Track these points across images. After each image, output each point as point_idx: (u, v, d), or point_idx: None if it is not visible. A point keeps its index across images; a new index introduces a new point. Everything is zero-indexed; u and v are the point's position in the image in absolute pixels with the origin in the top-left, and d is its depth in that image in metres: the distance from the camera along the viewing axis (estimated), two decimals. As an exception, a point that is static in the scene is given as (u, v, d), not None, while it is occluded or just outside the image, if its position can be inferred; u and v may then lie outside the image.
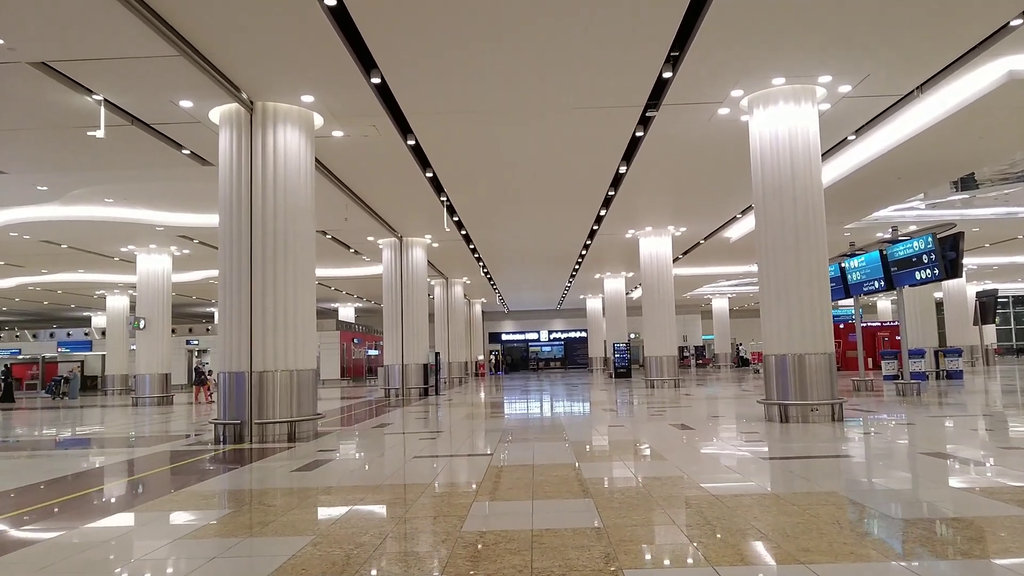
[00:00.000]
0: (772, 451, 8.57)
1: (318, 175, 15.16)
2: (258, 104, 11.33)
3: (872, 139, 14.26)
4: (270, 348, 11.09)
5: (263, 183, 11.30)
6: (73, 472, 8.72)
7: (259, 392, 11.04)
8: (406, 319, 23.28)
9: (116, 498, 7.10)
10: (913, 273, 15.59)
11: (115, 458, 10.09)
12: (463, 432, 11.92)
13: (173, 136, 12.66)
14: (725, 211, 21.02)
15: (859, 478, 6.67)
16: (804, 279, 11.24)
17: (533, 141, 13.81)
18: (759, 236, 11.82)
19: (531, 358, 59.43)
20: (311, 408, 11.62)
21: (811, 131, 11.50)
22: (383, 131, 12.76)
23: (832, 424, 10.85)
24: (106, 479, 8.26)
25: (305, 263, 11.63)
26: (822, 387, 11.17)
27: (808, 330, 11.19)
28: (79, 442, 12.96)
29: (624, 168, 15.68)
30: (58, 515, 5.97)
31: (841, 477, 6.71)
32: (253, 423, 10.96)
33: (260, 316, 11.10)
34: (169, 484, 7.64)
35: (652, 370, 23.62)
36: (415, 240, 23.61)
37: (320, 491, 6.63)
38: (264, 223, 11.25)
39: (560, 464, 7.67)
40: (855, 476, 6.75)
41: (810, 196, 11.42)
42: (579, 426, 12.10)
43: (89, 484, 7.87)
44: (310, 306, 11.76)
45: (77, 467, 9.33)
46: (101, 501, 6.82)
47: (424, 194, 17.43)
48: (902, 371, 23.59)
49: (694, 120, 12.72)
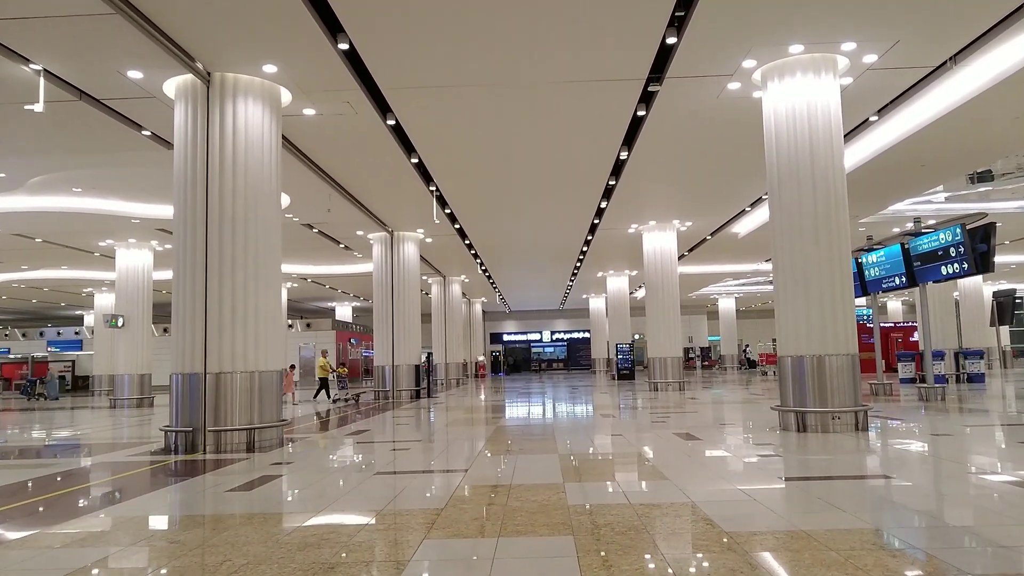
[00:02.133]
0: (793, 468, 7.37)
1: (295, 162, 14.06)
2: (215, 75, 10.17)
3: (896, 120, 13.02)
4: (227, 347, 9.94)
5: (221, 162, 10.15)
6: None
7: (215, 396, 9.89)
8: (397, 318, 22.12)
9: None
10: (939, 268, 14.35)
11: (44, 470, 8.92)
12: (443, 441, 10.75)
13: (128, 114, 11.53)
14: (734, 203, 19.77)
15: (910, 508, 5.44)
16: (824, 271, 10.03)
17: (526, 122, 12.63)
18: (774, 224, 10.62)
19: (533, 359, 58.20)
20: (274, 414, 10.46)
21: (832, 106, 10.30)
22: (359, 109, 11.60)
23: (856, 434, 9.64)
24: (9, 497, 7.10)
25: (269, 253, 10.47)
26: (844, 392, 9.96)
27: (829, 328, 9.98)
28: (20, 449, 11.81)
29: (625, 154, 14.48)
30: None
31: (886, 507, 5.50)
32: (207, 431, 9.81)
33: (216, 311, 9.95)
34: (70, 508, 6.46)
35: (656, 372, 22.40)
36: (407, 235, 22.44)
37: (240, 520, 5.45)
38: (222, 207, 10.09)
39: (543, 485, 6.49)
40: (904, 506, 5.52)
41: (831, 179, 10.22)
42: (574, 434, 10.92)
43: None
44: (275, 301, 10.61)
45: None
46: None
47: (412, 183, 16.26)
48: (920, 374, 22.47)
49: (701, 96, 11.52)
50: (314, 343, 41.41)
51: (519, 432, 11.53)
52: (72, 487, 7.57)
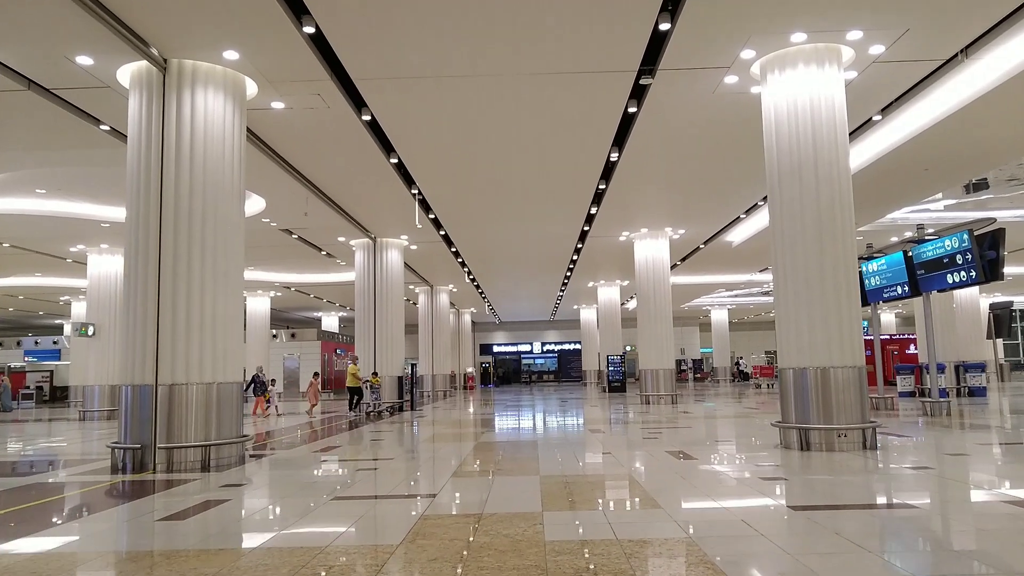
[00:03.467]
0: (799, 494, 6.60)
1: (269, 162, 13.31)
2: (172, 62, 9.40)
3: (900, 120, 12.36)
4: (181, 356, 9.12)
5: (177, 156, 9.36)
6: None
7: (168, 410, 9.05)
8: (380, 327, 21.28)
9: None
10: (944, 276, 13.66)
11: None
12: (416, 459, 9.94)
13: (83, 106, 10.75)
14: (728, 209, 19.08)
15: (947, 547, 4.68)
16: (828, 277, 9.31)
17: (510, 118, 11.90)
18: (774, 228, 9.90)
19: (523, 371, 57.31)
20: (234, 429, 9.64)
21: (836, 100, 9.61)
22: (331, 102, 10.85)
23: (864, 453, 8.88)
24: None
25: (230, 254, 9.68)
26: (850, 408, 9.21)
27: (834, 338, 9.24)
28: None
29: (616, 155, 13.77)
30: None
31: (910, 542, 4.74)
32: (157, 448, 8.97)
33: (169, 317, 9.13)
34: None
35: (648, 385, 21.62)
36: (390, 241, 21.65)
37: (158, 559, 4.64)
38: (177, 204, 9.30)
39: (519, 515, 5.70)
40: (942, 545, 4.76)
41: (835, 178, 9.51)
42: (560, 452, 10.12)
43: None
44: (235, 307, 9.82)
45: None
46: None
47: (392, 186, 15.51)
48: (920, 387, 21.79)
49: (696, 91, 10.83)
50: (298, 354, 40.51)
51: (501, 449, 10.73)
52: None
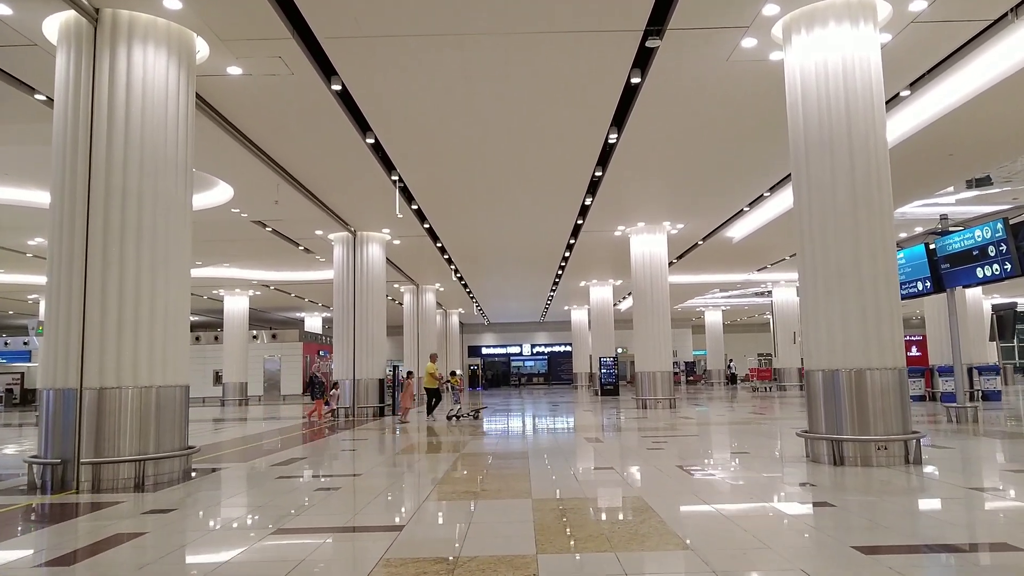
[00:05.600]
0: (859, 528, 5.27)
1: (232, 143, 12.01)
2: (105, 12, 8.06)
3: (930, 96, 11.17)
4: (112, 355, 7.79)
5: (110, 124, 8.02)
6: None
7: (96, 418, 7.72)
8: (360, 326, 19.92)
9: None
10: (973, 270, 12.48)
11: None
12: (387, 476, 8.62)
13: (11, 69, 9.39)
14: (732, 201, 17.84)
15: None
16: (865, 264, 8.07)
17: (499, 88, 10.62)
18: (800, 211, 8.66)
19: (513, 373, 55.96)
20: (178, 440, 8.30)
21: (872, 63, 8.38)
22: (295, 68, 9.55)
23: (908, 469, 7.65)
24: None
25: (173, 239, 8.33)
26: (891, 416, 7.97)
27: (871, 335, 8.01)
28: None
29: (615, 136, 12.51)
30: None
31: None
32: (81, 463, 7.63)
33: (98, 310, 7.79)
34: None
35: (644, 388, 20.35)
36: (371, 235, 20.30)
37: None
38: (109, 179, 7.96)
39: (505, 559, 4.42)
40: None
41: (871, 151, 8.27)
42: (554, 467, 8.84)
43: None
44: (180, 299, 8.46)
45: None
46: None
47: (371, 171, 14.19)
48: (930, 391, 20.69)
49: (708, 58, 9.59)
50: (279, 355, 39.05)
51: (487, 463, 9.42)
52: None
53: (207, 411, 26.35)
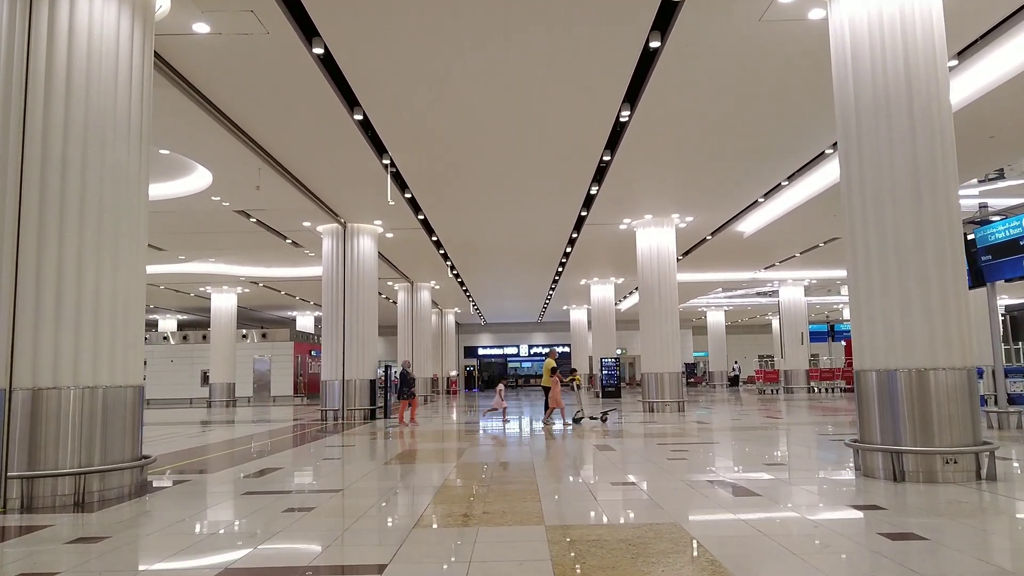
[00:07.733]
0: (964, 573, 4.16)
1: (207, 120, 10.90)
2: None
3: (977, 67, 10.09)
4: (48, 351, 6.63)
5: (48, 82, 6.87)
6: None
7: (29, 424, 6.57)
8: (350, 324, 18.76)
9: None
10: (1020, 262, 11.39)
11: None
12: (371, 493, 7.45)
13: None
14: (748, 190, 16.70)
15: None
16: (930, 244, 6.96)
17: (501, 53, 9.48)
18: (850, 186, 7.53)
19: (510, 374, 54.78)
20: (129, 450, 7.15)
21: (934, 13, 7.28)
22: (271, 26, 8.41)
23: (982, 487, 6.52)
24: None
25: (123, 215, 7.17)
26: (960, 424, 6.86)
27: (937, 329, 6.89)
28: None
29: (627, 114, 11.38)
30: None
31: None
32: (9, 477, 6.46)
33: (32, 297, 6.63)
34: None
35: (651, 390, 19.19)
36: (362, 227, 19.13)
37: None
38: (46, 146, 6.80)
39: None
40: None
41: (935, 115, 7.16)
42: (565, 482, 7.69)
43: None
44: (131, 285, 7.29)
45: None
46: None
47: (360, 154, 13.04)
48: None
49: (738, 17, 8.46)
50: (269, 355, 37.85)
51: (487, 477, 8.26)
52: None
53: (192, 413, 25.15)
